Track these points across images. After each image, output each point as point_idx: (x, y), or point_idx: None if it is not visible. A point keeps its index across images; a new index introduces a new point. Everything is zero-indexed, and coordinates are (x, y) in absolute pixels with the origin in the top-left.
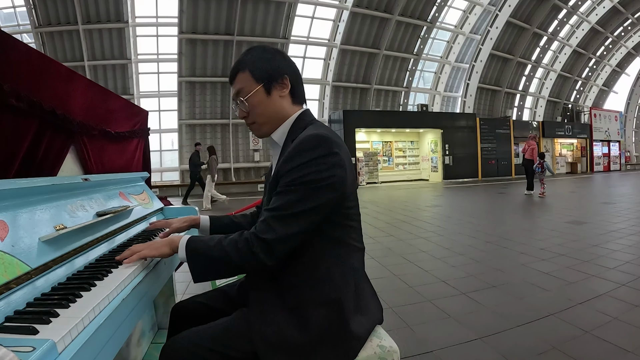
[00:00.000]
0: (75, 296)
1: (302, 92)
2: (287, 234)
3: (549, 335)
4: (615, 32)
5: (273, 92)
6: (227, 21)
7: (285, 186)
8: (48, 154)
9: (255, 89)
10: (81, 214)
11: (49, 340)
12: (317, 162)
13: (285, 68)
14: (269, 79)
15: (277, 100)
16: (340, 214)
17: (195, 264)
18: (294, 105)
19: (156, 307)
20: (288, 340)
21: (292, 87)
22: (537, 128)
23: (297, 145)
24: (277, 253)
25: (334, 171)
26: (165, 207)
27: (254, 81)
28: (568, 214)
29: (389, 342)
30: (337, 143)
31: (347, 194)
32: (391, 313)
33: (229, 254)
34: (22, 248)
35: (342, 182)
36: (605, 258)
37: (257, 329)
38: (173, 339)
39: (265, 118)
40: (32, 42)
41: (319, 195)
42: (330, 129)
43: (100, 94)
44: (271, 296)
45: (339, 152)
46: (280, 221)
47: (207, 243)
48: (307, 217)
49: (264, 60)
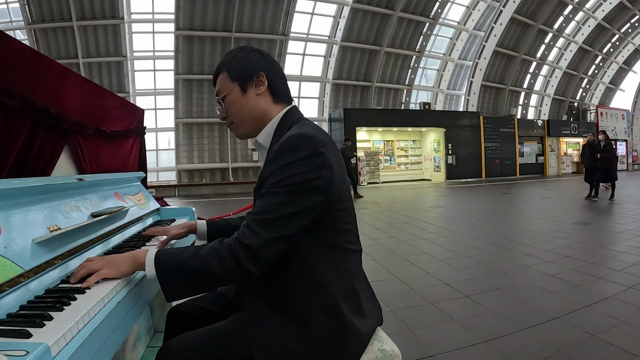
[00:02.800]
0: (69, 299)
1: (284, 90)
2: (271, 238)
3: (554, 339)
4: (622, 28)
5: (249, 90)
6: (225, 17)
7: (269, 188)
8: (42, 153)
9: (230, 88)
10: (76, 215)
11: (42, 344)
12: (301, 163)
13: (261, 65)
14: (244, 77)
15: (252, 99)
16: (331, 217)
17: (168, 281)
18: (275, 105)
19: (152, 310)
20: (289, 349)
21: (270, 84)
22: (542, 127)
23: (280, 146)
24: (262, 259)
25: (319, 172)
26: (162, 208)
27: (229, 81)
28: (573, 215)
29: (391, 345)
30: (322, 142)
31: (336, 195)
32: (393, 316)
33: (208, 265)
34: (15, 250)
35: (329, 183)
36: (612, 260)
37: (256, 338)
38: (169, 343)
39: (241, 118)
40: (25, 39)
41: (304, 198)
42: (317, 127)
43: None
44: (268, 304)
45: (324, 152)
46: (264, 225)
47: (180, 255)
48: (292, 221)
49: (238, 59)
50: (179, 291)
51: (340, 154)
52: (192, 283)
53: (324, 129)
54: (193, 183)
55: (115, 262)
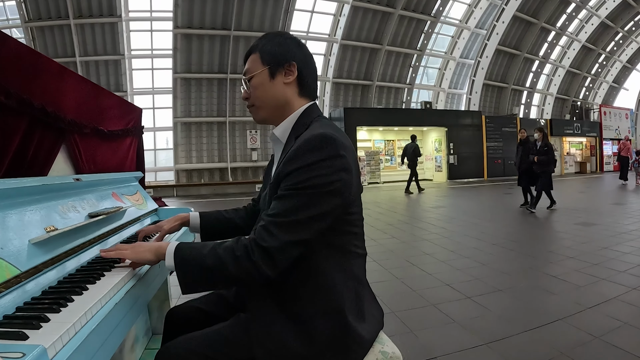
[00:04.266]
0: (66, 300)
1: (312, 85)
2: (290, 241)
3: (557, 340)
4: (625, 26)
5: (277, 77)
6: (224, 15)
7: (287, 190)
8: (38, 153)
9: (259, 70)
10: (73, 215)
11: (39, 346)
12: (321, 165)
13: (295, 54)
14: (275, 62)
15: (279, 86)
16: (342, 220)
17: (185, 274)
18: (300, 98)
19: (150, 311)
20: (291, 351)
21: (300, 75)
22: (545, 126)
23: (301, 146)
24: (279, 263)
25: (340, 175)
26: (160, 208)
27: (260, 63)
28: (577, 216)
29: (392, 347)
30: (343, 144)
31: (352, 199)
32: (394, 318)
33: (224, 263)
34: (12, 250)
35: (348, 187)
36: (616, 261)
37: (258, 340)
38: (168, 345)
39: (263, 101)
40: (21, 37)
41: (324, 202)
42: (337, 128)
43: (92, 91)
44: (271, 305)
45: (345, 155)
46: (282, 228)
47: (199, 251)
48: (312, 224)
49: (274, 43)
50: (194, 285)
51: (357, 158)
52: (207, 279)
53: None
54: (192, 183)
55: (140, 249)
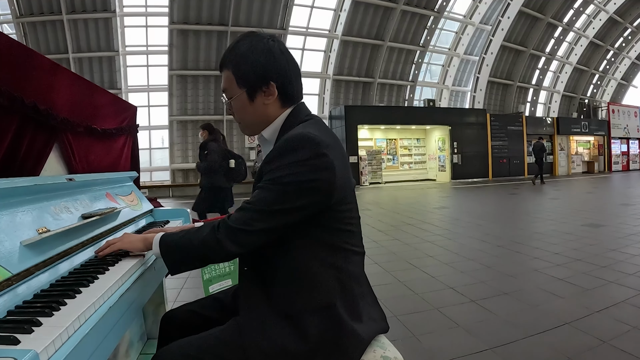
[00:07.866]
0: (59, 304)
1: (295, 91)
2: (254, 227)
3: (563, 345)
4: (634, 22)
5: (257, 99)
6: (221, 10)
7: (265, 183)
8: (30, 152)
9: (237, 94)
10: (65, 217)
11: (31, 351)
12: (297, 165)
13: (270, 71)
14: (252, 86)
15: (260, 107)
16: (332, 217)
17: (167, 256)
18: (283, 108)
19: (145, 315)
20: (284, 350)
21: (282, 89)
22: (551, 124)
23: (280, 146)
24: (241, 242)
25: (317, 174)
26: (155, 209)
27: (236, 85)
28: (584, 217)
29: (394, 352)
30: (325, 143)
31: (337, 197)
32: (396, 322)
33: (192, 241)
34: (2, 253)
35: (329, 185)
36: (624, 263)
37: (251, 340)
38: (163, 350)
39: (248, 121)
40: (13, 33)
41: (296, 198)
42: (323, 126)
43: (85, 89)
44: (264, 304)
45: (326, 154)
46: (252, 213)
47: (177, 234)
48: (280, 217)
49: (248, 63)
50: (177, 265)
51: (346, 155)
52: (184, 258)
53: None
54: (188, 183)
55: (130, 239)
